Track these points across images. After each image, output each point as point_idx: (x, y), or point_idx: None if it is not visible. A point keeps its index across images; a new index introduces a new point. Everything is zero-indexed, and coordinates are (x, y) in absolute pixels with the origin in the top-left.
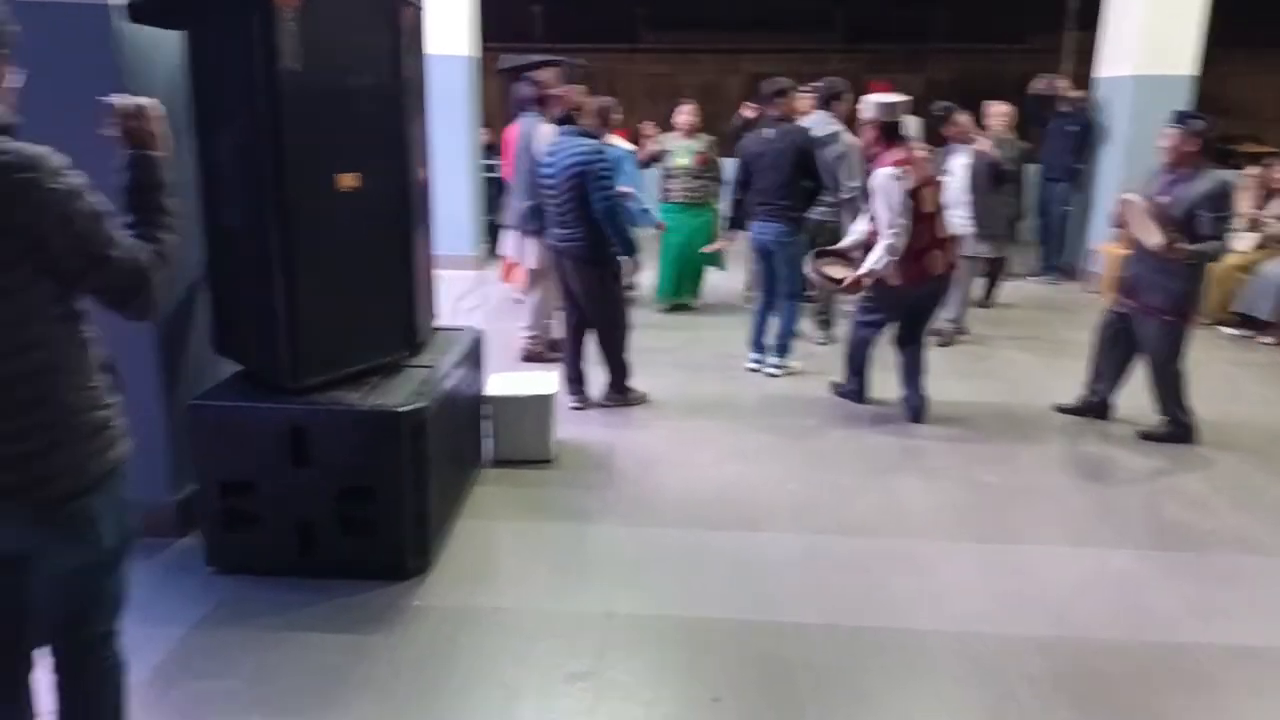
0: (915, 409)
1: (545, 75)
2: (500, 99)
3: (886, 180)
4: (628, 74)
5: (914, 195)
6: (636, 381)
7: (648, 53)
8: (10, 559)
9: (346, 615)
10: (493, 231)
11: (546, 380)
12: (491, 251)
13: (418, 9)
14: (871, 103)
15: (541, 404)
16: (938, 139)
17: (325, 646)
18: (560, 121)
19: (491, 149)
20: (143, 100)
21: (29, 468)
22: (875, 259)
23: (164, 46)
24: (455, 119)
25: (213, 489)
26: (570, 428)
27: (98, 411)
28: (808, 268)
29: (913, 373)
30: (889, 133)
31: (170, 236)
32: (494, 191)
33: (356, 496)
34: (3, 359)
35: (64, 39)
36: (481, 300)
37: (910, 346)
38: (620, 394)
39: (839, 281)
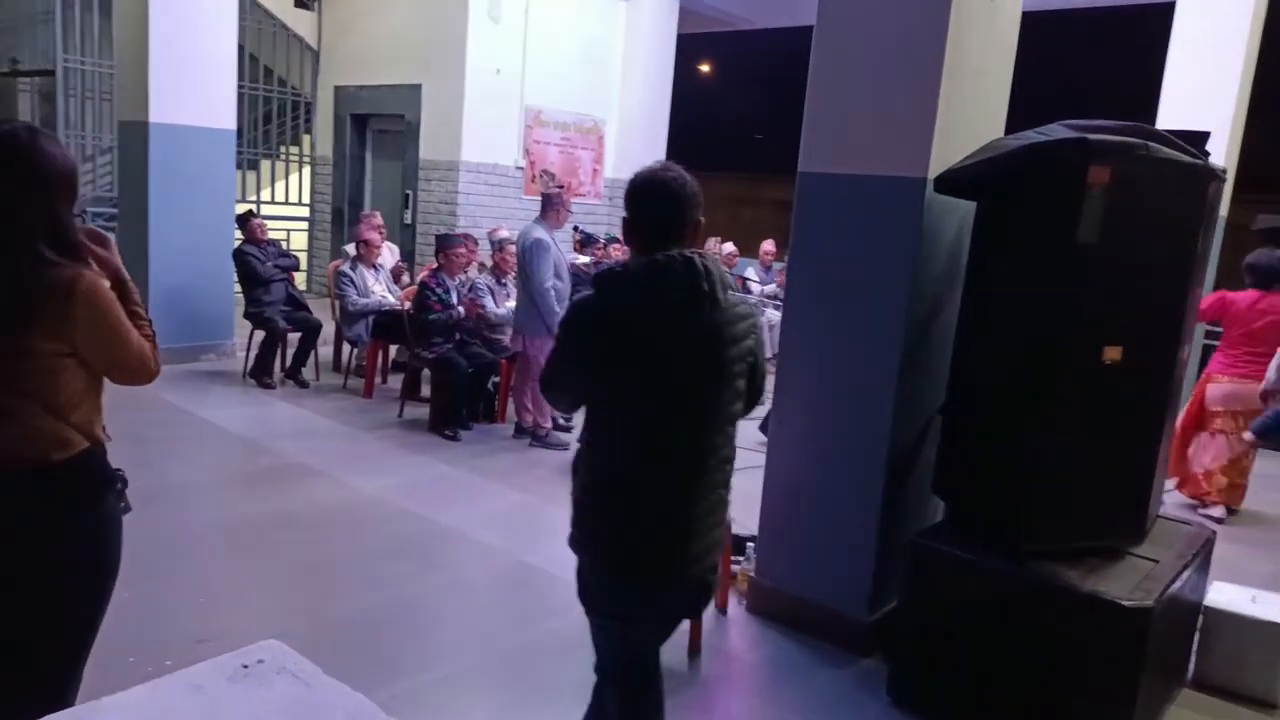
0: None
1: None
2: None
3: None
4: None
5: None
6: None
7: None
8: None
9: None
10: None
11: None
12: None
13: (1222, 180)
14: None
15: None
16: None
17: None
18: None
19: None
20: None
21: (718, 548)
22: None
23: (954, 213)
24: None
25: (912, 626)
26: None
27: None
28: None
29: None
30: None
31: None
32: None
33: (1051, 677)
34: (722, 456)
35: (884, 205)
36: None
37: None
38: None
39: None
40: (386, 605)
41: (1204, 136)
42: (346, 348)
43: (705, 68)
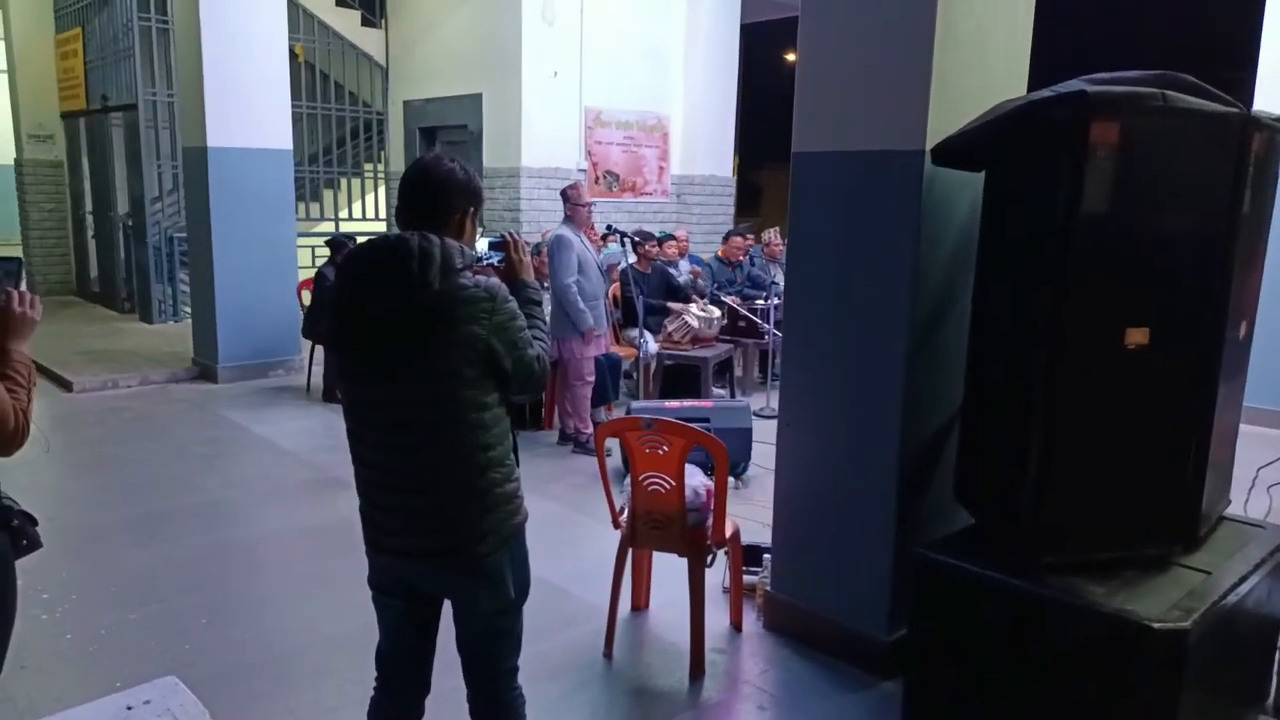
0: None
1: None
2: None
3: None
4: None
5: None
6: None
7: None
8: (438, 601)
9: None
10: None
11: None
12: None
13: (1276, 131)
14: None
15: None
16: None
17: None
18: None
19: None
20: None
21: (464, 531)
22: None
23: (967, 188)
24: None
25: (923, 644)
26: None
27: (510, 484)
28: None
29: None
30: None
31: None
32: None
33: (1078, 709)
34: (456, 442)
35: (880, 183)
36: None
37: None
38: None
39: None
40: None
41: (1243, 81)
42: None
43: (791, 56)
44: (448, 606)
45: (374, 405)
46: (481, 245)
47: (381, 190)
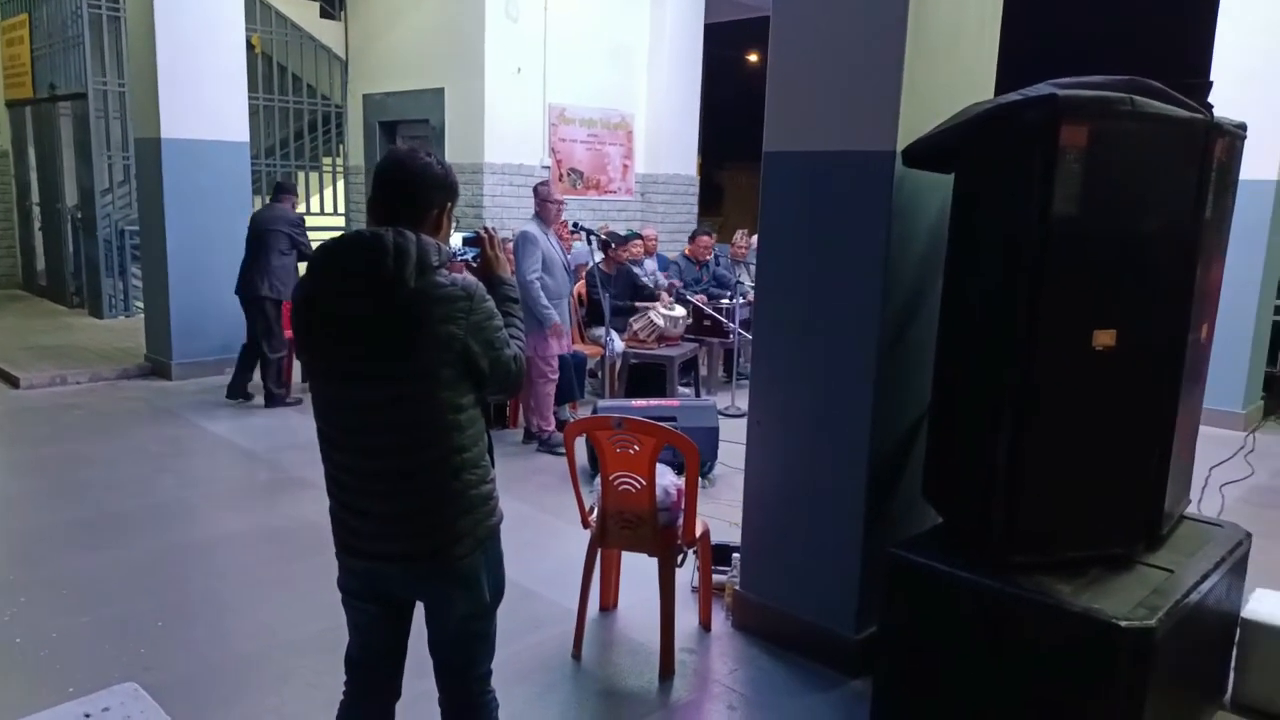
0: None
1: None
2: None
3: None
4: None
5: None
6: None
7: None
8: (410, 605)
9: None
10: (1270, 385)
11: None
12: (1267, 411)
13: (1237, 137)
14: None
15: None
16: None
17: None
18: None
19: None
20: None
21: (439, 534)
22: None
23: (937, 190)
24: (1250, 251)
25: (892, 643)
26: None
27: (486, 485)
28: None
29: None
30: None
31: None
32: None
33: (1045, 706)
34: (431, 444)
35: (851, 184)
36: (1244, 473)
37: None
38: None
39: None
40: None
41: (1205, 87)
42: None
43: (754, 57)
44: (419, 608)
45: (346, 406)
46: (455, 241)
47: (340, 184)
